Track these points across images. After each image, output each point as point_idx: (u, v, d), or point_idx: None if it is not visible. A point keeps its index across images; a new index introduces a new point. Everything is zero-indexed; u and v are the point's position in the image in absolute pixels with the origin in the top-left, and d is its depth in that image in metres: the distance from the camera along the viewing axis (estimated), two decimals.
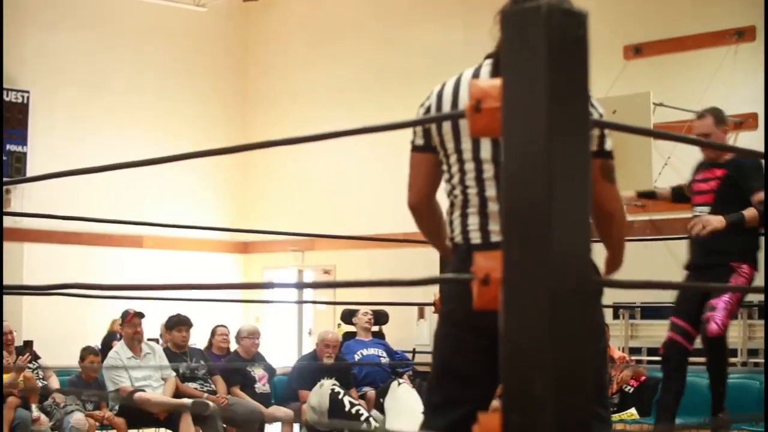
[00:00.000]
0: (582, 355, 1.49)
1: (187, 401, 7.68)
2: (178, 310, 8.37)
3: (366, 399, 8.52)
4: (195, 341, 8.93)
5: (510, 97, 1.53)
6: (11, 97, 11.25)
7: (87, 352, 8.11)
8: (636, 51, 9.87)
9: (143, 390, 7.67)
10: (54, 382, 8.16)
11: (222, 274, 12.88)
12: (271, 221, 12.45)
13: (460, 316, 2.76)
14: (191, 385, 8.10)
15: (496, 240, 2.74)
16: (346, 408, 7.78)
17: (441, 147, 2.85)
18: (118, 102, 12.26)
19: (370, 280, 2.07)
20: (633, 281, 2.28)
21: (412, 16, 11.95)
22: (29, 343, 8.83)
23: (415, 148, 2.92)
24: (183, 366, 8.13)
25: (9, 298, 8.19)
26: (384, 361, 9.01)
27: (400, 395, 7.97)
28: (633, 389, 8.23)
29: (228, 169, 13.12)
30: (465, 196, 2.81)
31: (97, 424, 7.71)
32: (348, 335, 9.55)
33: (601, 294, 2.88)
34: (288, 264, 12.86)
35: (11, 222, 10.45)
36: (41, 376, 8.21)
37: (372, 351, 9.13)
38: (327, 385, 7.96)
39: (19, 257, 10.93)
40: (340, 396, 7.87)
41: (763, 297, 7.65)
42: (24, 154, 11.30)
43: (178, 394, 7.89)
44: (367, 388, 8.72)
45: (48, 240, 11.34)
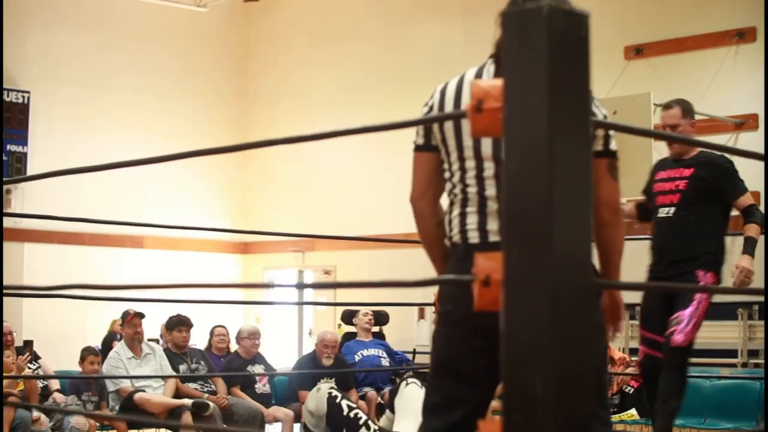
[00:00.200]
0: (582, 356, 1.50)
1: (187, 401, 7.68)
2: (178, 310, 8.39)
3: (366, 400, 8.50)
4: (195, 342, 8.93)
5: (511, 98, 1.53)
6: (11, 97, 11.25)
7: (87, 352, 8.10)
8: (637, 52, 9.87)
9: (143, 390, 7.68)
10: (54, 382, 8.15)
11: (222, 274, 12.89)
12: (272, 221, 12.47)
13: (458, 316, 2.76)
14: (191, 386, 8.10)
15: (494, 240, 2.75)
16: (344, 412, 7.71)
17: (443, 145, 2.86)
18: (118, 102, 12.26)
19: (370, 280, 2.07)
20: (633, 282, 2.28)
21: (412, 16, 11.95)
22: (29, 343, 8.81)
23: (417, 147, 2.93)
24: (183, 367, 8.13)
25: (9, 298, 8.19)
26: (384, 362, 9.00)
27: (407, 394, 7.94)
28: (633, 390, 8.23)
29: (228, 170, 13.13)
30: (465, 194, 2.82)
31: (97, 424, 7.71)
32: (348, 336, 9.54)
33: (601, 294, 2.88)
34: (288, 264, 12.87)
35: (11, 222, 10.46)
36: (41, 375, 8.20)
37: (372, 351, 9.11)
38: (324, 389, 7.89)
39: (19, 257, 10.93)
40: (337, 400, 7.80)
41: (763, 297, 7.63)
42: (24, 154, 11.29)
43: (178, 394, 7.89)
44: (368, 388, 8.70)
45: (48, 240, 11.34)
